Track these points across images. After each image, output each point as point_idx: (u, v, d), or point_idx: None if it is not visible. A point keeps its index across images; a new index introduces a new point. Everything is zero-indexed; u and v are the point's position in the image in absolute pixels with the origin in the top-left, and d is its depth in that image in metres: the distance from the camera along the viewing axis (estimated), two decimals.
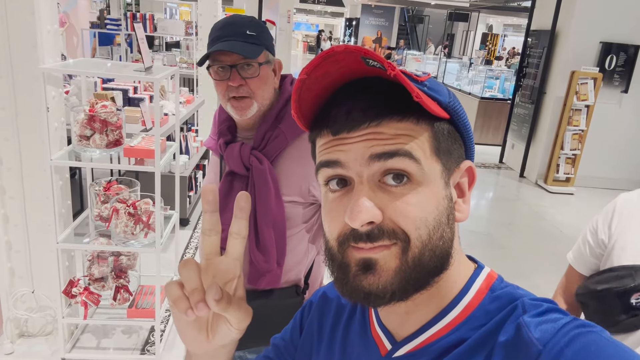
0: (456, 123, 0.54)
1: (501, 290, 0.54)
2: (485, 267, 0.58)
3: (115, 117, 2.19)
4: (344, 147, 0.50)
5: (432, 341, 0.54)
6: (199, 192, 4.92)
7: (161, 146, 2.26)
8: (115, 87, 3.97)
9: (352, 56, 0.47)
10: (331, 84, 0.51)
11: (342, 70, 0.49)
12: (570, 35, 5.75)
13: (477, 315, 0.53)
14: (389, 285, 0.49)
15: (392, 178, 0.49)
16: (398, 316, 0.57)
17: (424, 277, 0.50)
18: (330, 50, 0.47)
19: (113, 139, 2.21)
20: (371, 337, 0.61)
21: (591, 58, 5.83)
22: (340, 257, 0.51)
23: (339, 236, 0.51)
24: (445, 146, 0.52)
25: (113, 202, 2.27)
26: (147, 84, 4.52)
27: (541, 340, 0.45)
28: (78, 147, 2.18)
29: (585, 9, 5.63)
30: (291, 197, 1.30)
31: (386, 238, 0.48)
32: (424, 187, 0.49)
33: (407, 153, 0.48)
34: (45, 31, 2.07)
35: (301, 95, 0.51)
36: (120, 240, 2.28)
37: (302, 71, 0.49)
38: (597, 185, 6.22)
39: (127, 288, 2.44)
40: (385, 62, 0.46)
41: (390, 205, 0.48)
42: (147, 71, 2.18)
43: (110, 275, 2.43)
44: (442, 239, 0.50)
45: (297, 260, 1.36)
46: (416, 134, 0.50)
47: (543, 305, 0.50)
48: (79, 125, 2.15)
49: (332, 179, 0.52)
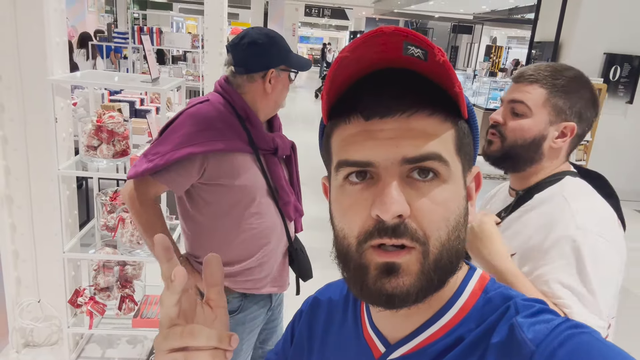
0: (472, 124, 0.54)
1: (494, 291, 0.54)
2: (477, 268, 0.58)
3: (122, 128, 2.22)
4: (374, 144, 0.49)
5: (428, 344, 0.53)
6: None
7: None
8: (122, 99, 4.01)
9: (396, 39, 0.45)
10: (359, 72, 0.50)
11: (376, 56, 0.48)
12: (574, 46, 5.77)
13: (472, 317, 0.53)
14: (412, 287, 0.48)
15: (419, 173, 0.49)
16: (393, 319, 0.56)
17: (444, 277, 0.50)
18: (378, 29, 0.45)
19: (120, 149, 2.23)
20: (364, 340, 0.60)
21: (595, 69, 5.84)
22: (357, 257, 0.49)
23: (359, 233, 0.49)
24: (464, 147, 0.52)
25: (119, 212, 2.28)
26: (154, 96, 4.57)
27: (534, 340, 0.45)
28: (85, 157, 2.20)
29: (589, 20, 5.66)
30: None
31: (409, 237, 0.47)
32: (449, 185, 0.49)
33: (437, 156, 0.48)
34: (55, 43, 2.11)
35: (336, 75, 0.49)
36: (126, 249, 2.29)
37: (344, 49, 0.48)
38: None
39: (133, 298, 2.44)
40: (436, 48, 0.45)
41: (418, 201, 0.48)
42: (154, 82, 2.21)
43: (115, 285, 2.43)
44: (459, 239, 0.50)
45: None
46: (443, 132, 0.49)
47: (535, 306, 0.50)
48: (86, 135, 2.17)
49: (353, 173, 0.50)
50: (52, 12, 2.06)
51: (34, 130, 2.25)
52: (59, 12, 2.12)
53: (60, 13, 2.14)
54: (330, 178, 0.55)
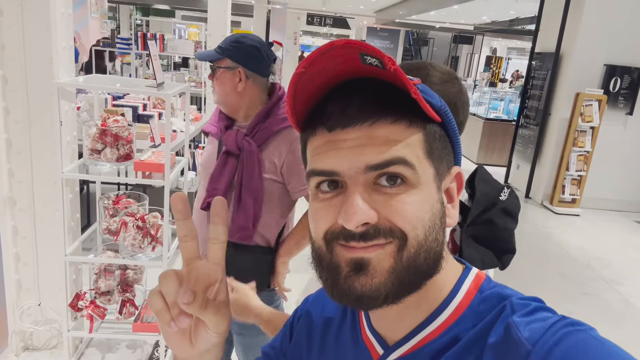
0: (447, 127, 0.54)
1: (490, 290, 0.54)
2: (472, 268, 0.58)
3: (126, 132, 2.23)
4: (337, 154, 0.49)
5: (424, 344, 0.53)
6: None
7: (170, 161, 2.28)
8: (125, 104, 4.03)
9: (351, 51, 0.46)
10: (325, 83, 0.51)
11: (339, 68, 0.49)
12: (574, 57, 5.81)
13: (468, 316, 0.52)
14: (382, 286, 0.48)
15: (386, 179, 0.49)
16: (389, 320, 0.56)
17: (417, 279, 0.50)
18: (329, 44, 0.47)
19: (124, 153, 2.24)
20: (362, 342, 0.60)
21: (595, 80, 5.87)
22: (329, 256, 0.50)
23: (325, 234, 0.50)
24: (437, 150, 0.52)
25: (122, 216, 2.29)
26: (157, 101, 4.59)
27: (530, 339, 0.45)
28: (89, 160, 2.21)
29: (589, 32, 5.70)
30: (270, 175, 1.63)
31: (382, 237, 0.48)
32: (418, 190, 0.49)
33: (402, 160, 0.48)
34: (61, 47, 2.12)
35: (297, 91, 0.50)
36: (128, 253, 2.29)
37: (300, 65, 0.49)
38: (603, 207, 6.20)
39: (133, 302, 2.44)
40: (385, 57, 0.45)
41: (386, 205, 0.48)
42: (159, 87, 2.22)
43: (116, 289, 2.43)
44: (436, 241, 0.50)
45: (270, 225, 1.69)
46: (409, 137, 0.49)
47: (531, 305, 0.50)
48: (90, 139, 2.18)
49: (323, 182, 0.51)
50: (59, 16, 2.07)
51: (39, 133, 2.26)
52: (66, 17, 2.14)
53: (67, 17, 2.15)
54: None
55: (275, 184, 1.65)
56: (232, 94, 1.63)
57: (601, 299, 3.92)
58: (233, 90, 1.63)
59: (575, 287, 4.10)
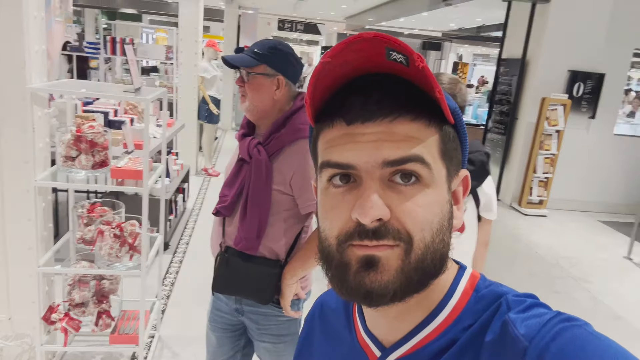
0: (459, 130, 0.55)
1: (485, 289, 0.54)
2: (467, 267, 0.58)
3: (102, 138, 2.17)
4: (355, 147, 0.49)
5: (422, 345, 0.53)
6: (180, 215, 4.85)
7: (148, 167, 2.24)
8: (95, 110, 3.93)
9: (378, 45, 0.46)
10: (345, 75, 0.50)
11: (360, 61, 0.48)
12: (540, 63, 6.01)
13: (465, 316, 0.53)
14: (391, 284, 0.48)
15: (401, 177, 0.49)
16: (387, 321, 0.56)
17: (424, 279, 0.50)
18: (358, 36, 0.46)
19: (99, 160, 2.18)
20: (358, 345, 0.60)
21: (560, 85, 6.09)
22: (338, 256, 0.50)
23: (339, 234, 0.50)
24: (450, 151, 0.53)
25: (97, 224, 2.22)
26: (128, 107, 4.49)
27: (527, 336, 0.45)
28: (63, 167, 2.14)
29: (553, 39, 5.91)
30: (278, 186, 1.58)
31: (391, 238, 0.48)
32: (431, 189, 0.50)
33: (419, 158, 0.49)
34: (34, 51, 2.06)
35: (318, 81, 0.50)
36: (105, 263, 2.23)
37: (325, 55, 0.48)
38: (568, 208, 6.41)
39: (109, 313, 2.37)
40: (415, 54, 0.45)
41: (399, 204, 0.48)
42: (137, 92, 2.18)
43: (91, 300, 2.36)
44: (443, 242, 0.51)
45: (277, 237, 1.62)
46: (426, 136, 0.50)
47: (527, 301, 0.50)
48: (64, 145, 2.12)
49: (336, 175, 0.51)
50: (32, 19, 2.01)
51: (9, 140, 2.18)
52: (38, 20, 2.07)
53: (40, 21, 2.09)
54: (317, 180, 0.55)
55: (284, 196, 1.59)
56: (267, 100, 1.59)
57: (570, 297, 4.05)
58: (269, 97, 1.59)
59: (545, 285, 4.22)
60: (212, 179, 6.54)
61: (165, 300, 3.28)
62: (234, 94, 10.16)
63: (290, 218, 1.62)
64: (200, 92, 6.41)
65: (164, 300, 3.27)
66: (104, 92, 2.18)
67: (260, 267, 1.60)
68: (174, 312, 3.17)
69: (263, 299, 1.62)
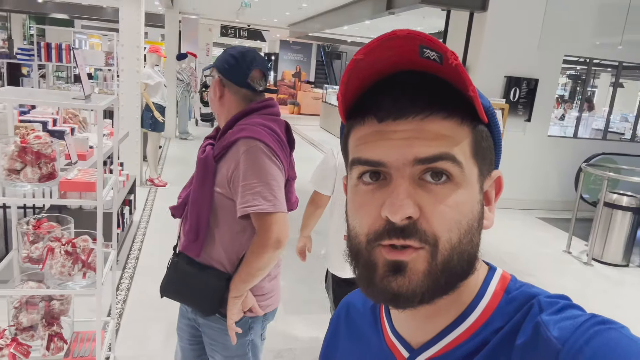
0: (492, 129, 0.54)
1: (516, 290, 0.53)
2: (497, 268, 0.57)
3: (49, 149, 2.03)
4: (387, 144, 0.49)
5: (452, 347, 0.53)
6: (127, 229, 4.63)
7: None
8: (32, 119, 3.68)
9: (411, 43, 0.45)
10: (378, 72, 0.50)
11: (393, 59, 0.48)
12: (479, 69, 6.30)
13: (496, 318, 0.52)
14: (418, 287, 0.48)
15: (431, 175, 0.48)
16: (416, 322, 0.55)
17: (453, 280, 0.50)
18: (392, 33, 0.45)
19: (47, 172, 2.04)
20: (385, 345, 0.59)
21: (498, 90, 6.41)
22: (367, 255, 0.50)
23: (369, 232, 0.49)
24: (483, 151, 0.52)
25: (46, 242, 2.07)
26: (67, 116, 4.25)
27: (560, 338, 0.45)
28: (6, 181, 1.98)
29: (490, 46, 6.22)
30: (221, 188, 1.54)
31: (417, 239, 0.47)
32: (462, 189, 0.49)
33: (450, 157, 0.48)
34: None
35: (350, 79, 0.49)
36: (55, 282, 2.08)
37: (358, 52, 0.48)
38: (508, 206, 6.73)
39: (61, 335, 2.21)
40: (449, 51, 0.45)
41: (429, 204, 0.48)
42: (87, 100, 2.06)
43: (41, 323, 2.19)
44: (471, 243, 0.50)
45: (226, 248, 1.56)
46: (458, 135, 0.49)
47: (559, 303, 0.49)
48: (7, 157, 1.96)
49: (366, 172, 0.50)
50: None
51: None
52: None
53: None
54: (347, 177, 0.55)
55: (227, 201, 1.53)
56: (214, 102, 1.65)
57: None
58: (214, 98, 1.65)
59: None
60: (159, 189, 6.31)
61: (118, 319, 3.11)
62: (177, 101, 9.89)
63: (235, 226, 1.55)
64: (144, 99, 6.18)
65: (117, 319, 3.11)
66: (52, 100, 2.04)
67: (206, 276, 1.55)
68: (129, 330, 3.01)
69: (205, 310, 1.57)
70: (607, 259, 5.01)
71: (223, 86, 1.62)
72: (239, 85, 1.60)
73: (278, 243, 1.47)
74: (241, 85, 1.60)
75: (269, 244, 1.46)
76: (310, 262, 2.63)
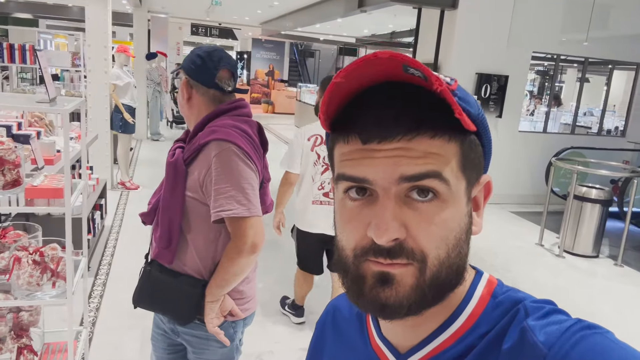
0: (482, 135, 0.53)
1: (503, 295, 0.54)
2: (484, 272, 0.57)
3: (13, 155, 1.95)
4: (371, 162, 0.48)
5: (439, 352, 0.53)
6: (99, 234, 4.51)
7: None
8: None
9: (394, 63, 0.44)
10: (361, 87, 0.49)
11: (378, 75, 0.47)
12: (450, 67, 6.37)
13: (482, 322, 0.52)
14: (405, 299, 0.48)
15: (418, 193, 0.48)
16: (403, 328, 0.55)
17: (441, 293, 0.50)
18: (373, 56, 0.45)
19: (11, 179, 1.95)
20: (372, 350, 0.59)
21: (470, 87, 6.50)
22: (354, 269, 0.50)
23: (355, 248, 0.49)
24: (471, 162, 0.51)
25: (12, 251, 1.99)
26: (32, 119, 4.10)
27: (546, 343, 0.45)
28: None
29: (461, 44, 6.30)
30: (193, 193, 1.49)
31: (404, 257, 0.47)
32: (449, 206, 0.48)
33: (437, 175, 0.47)
34: None
35: (331, 99, 0.49)
36: (23, 293, 1.99)
37: (339, 74, 0.47)
38: None
39: (31, 348, 2.13)
40: (433, 76, 0.43)
41: (415, 223, 0.47)
42: (52, 103, 1.98)
43: (9, 336, 2.10)
44: (459, 255, 0.50)
45: (200, 254, 1.52)
46: (447, 152, 0.48)
47: (545, 307, 0.50)
48: None
49: (352, 188, 0.50)
50: None
51: None
52: None
53: None
54: (334, 189, 0.55)
55: (200, 205, 1.49)
56: (183, 104, 1.62)
57: None
58: (182, 100, 1.61)
59: None
60: (131, 192, 6.17)
61: (91, 327, 3.02)
62: (147, 101, 9.70)
63: (210, 232, 1.51)
64: (113, 100, 6.03)
65: (90, 327, 3.02)
66: (15, 103, 1.95)
67: (180, 284, 1.50)
68: (103, 339, 2.93)
69: (181, 318, 1.53)
70: (578, 251, 5.14)
71: (191, 87, 1.57)
72: (207, 86, 1.56)
73: (254, 247, 1.44)
74: (209, 85, 1.56)
75: (244, 249, 1.42)
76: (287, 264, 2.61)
